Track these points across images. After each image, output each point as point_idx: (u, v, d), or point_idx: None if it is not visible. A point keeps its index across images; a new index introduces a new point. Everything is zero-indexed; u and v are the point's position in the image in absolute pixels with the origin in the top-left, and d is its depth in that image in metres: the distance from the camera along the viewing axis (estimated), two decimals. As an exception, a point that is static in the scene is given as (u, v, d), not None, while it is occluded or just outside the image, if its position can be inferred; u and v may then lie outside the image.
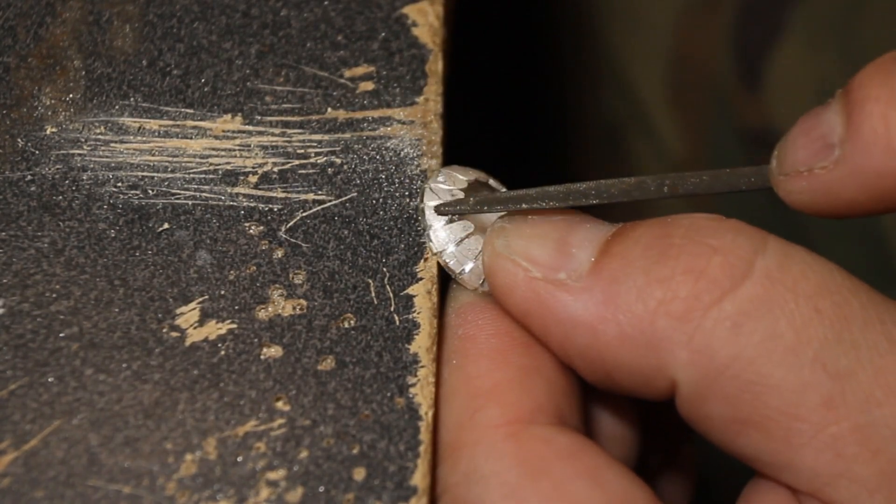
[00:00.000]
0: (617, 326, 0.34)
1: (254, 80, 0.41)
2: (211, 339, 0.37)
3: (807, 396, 0.33)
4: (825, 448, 0.33)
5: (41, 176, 0.39)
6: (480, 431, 0.35)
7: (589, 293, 0.35)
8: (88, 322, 0.37)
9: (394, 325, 0.37)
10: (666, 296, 0.34)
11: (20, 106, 0.40)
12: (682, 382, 0.34)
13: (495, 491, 0.34)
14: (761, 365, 0.33)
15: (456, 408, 0.36)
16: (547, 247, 0.36)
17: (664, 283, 0.34)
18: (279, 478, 0.35)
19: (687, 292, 0.34)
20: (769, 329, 0.33)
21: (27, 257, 0.38)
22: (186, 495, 0.35)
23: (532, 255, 0.36)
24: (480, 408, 0.36)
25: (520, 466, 0.34)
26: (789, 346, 0.33)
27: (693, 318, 0.34)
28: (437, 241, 0.39)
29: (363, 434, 0.36)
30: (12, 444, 0.35)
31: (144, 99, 0.40)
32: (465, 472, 0.35)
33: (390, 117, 0.41)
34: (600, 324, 0.35)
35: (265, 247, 0.38)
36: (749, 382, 0.33)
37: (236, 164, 0.40)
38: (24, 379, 0.36)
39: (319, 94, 0.41)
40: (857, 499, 0.33)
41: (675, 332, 0.34)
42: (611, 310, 0.35)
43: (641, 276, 0.34)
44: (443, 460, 0.36)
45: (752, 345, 0.33)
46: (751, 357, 0.33)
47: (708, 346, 0.33)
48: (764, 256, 0.34)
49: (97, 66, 0.41)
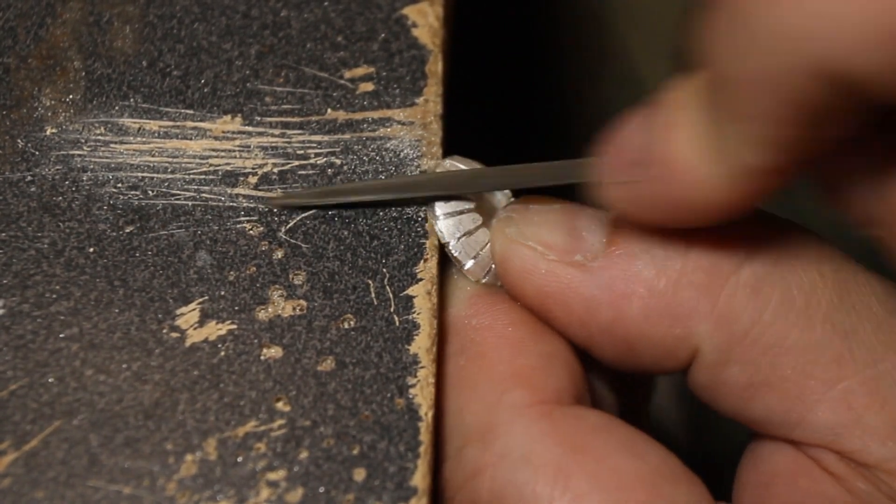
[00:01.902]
0: (640, 300, 0.35)
1: (254, 80, 0.41)
2: (211, 340, 0.37)
3: (819, 355, 0.35)
4: (837, 402, 0.35)
5: (41, 176, 0.39)
6: (512, 412, 0.35)
7: (608, 271, 0.36)
8: (88, 323, 0.37)
9: (394, 326, 0.37)
10: (686, 266, 0.35)
11: (20, 107, 0.40)
12: (705, 351, 0.36)
13: (540, 470, 0.34)
14: (780, 327, 0.35)
15: (481, 393, 0.36)
16: (558, 231, 0.37)
17: (681, 255, 0.35)
18: (279, 478, 0.35)
19: (706, 263, 0.35)
20: (784, 293, 0.35)
21: (27, 258, 0.38)
22: (187, 496, 0.35)
23: (545, 240, 0.37)
24: (508, 390, 0.36)
25: (560, 444, 0.35)
26: (802, 308, 0.35)
27: (715, 286, 0.35)
28: (444, 233, 0.39)
29: (363, 435, 0.36)
30: (12, 445, 0.35)
31: (144, 100, 0.40)
32: (502, 452, 0.35)
33: (390, 118, 0.41)
34: (623, 299, 0.36)
35: (265, 247, 0.38)
36: (768, 346, 0.35)
37: (236, 165, 0.40)
38: (25, 379, 0.36)
39: (319, 95, 0.41)
40: (869, 446, 0.35)
41: (698, 302, 0.35)
42: (632, 284, 0.35)
43: (659, 249, 0.35)
44: (470, 442, 0.36)
45: (770, 309, 0.35)
46: (769, 320, 0.35)
47: (731, 313, 0.35)
48: (766, 230, 0.36)
49: (97, 66, 0.41)
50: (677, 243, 0.35)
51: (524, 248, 0.37)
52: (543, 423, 0.35)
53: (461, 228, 0.39)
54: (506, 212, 0.38)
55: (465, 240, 0.39)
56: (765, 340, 0.35)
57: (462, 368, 0.37)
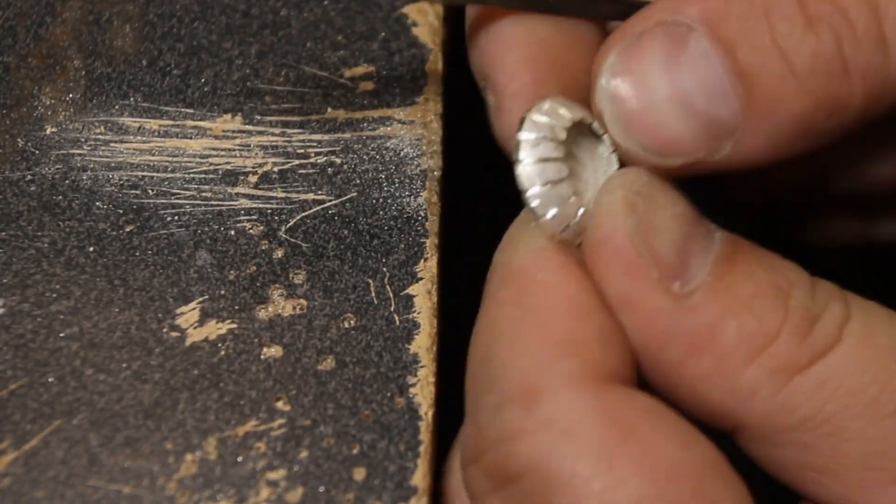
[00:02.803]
0: (710, 361, 0.34)
1: (254, 79, 0.41)
2: (211, 339, 0.37)
3: (886, 446, 0.34)
4: None
5: (41, 176, 0.39)
6: (563, 380, 0.33)
7: (696, 316, 0.34)
8: (88, 322, 0.37)
9: (394, 325, 0.37)
10: (769, 350, 0.34)
11: (20, 106, 0.40)
12: (752, 429, 0.35)
13: (584, 446, 0.33)
14: (842, 418, 0.34)
15: (532, 352, 0.34)
16: (672, 247, 0.35)
17: (770, 338, 0.34)
18: (279, 478, 0.35)
19: (787, 351, 0.34)
20: (853, 385, 0.34)
21: (27, 257, 0.38)
22: (186, 495, 0.35)
23: (658, 252, 0.34)
24: (562, 357, 0.34)
25: (607, 424, 0.33)
26: (871, 399, 0.34)
27: (786, 375, 0.34)
28: (526, 179, 0.35)
29: (363, 434, 0.36)
30: (12, 444, 0.35)
31: (144, 99, 0.40)
32: (545, 420, 0.33)
33: (390, 117, 0.41)
34: (695, 352, 0.34)
35: (265, 247, 0.38)
36: (827, 435, 0.34)
37: (236, 164, 0.40)
38: (25, 379, 0.36)
39: (319, 94, 0.41)
40: None
41: (763, 385, 0.34)
42: (710, 344, 0.34)
43: (753, 321, 0.34)
44: (512, 402, 0.34)
45: (835, 399, 0.34)
46: (832, 410, 0.34)
47: (792, 402, 0.34)
48: (852, 321, 0.35)
49: (97, 65, 0.41)
50: (772, 323, 0.34)
51: (633, 249, 0.34)
52: (594, 399, 0.33)
53: (545, 177, 0.36)
54: (634, 191, 0.35)
55: (547, 189, 0.35)
56: (824, 430, 0.34)
57: (516, 321, 0.35)
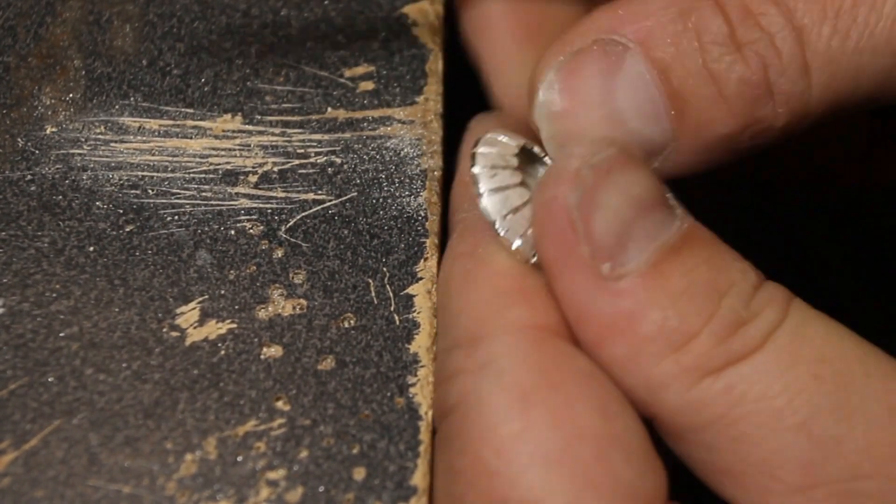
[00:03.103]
0: (626, 349, 0.34)
1: (254, 79, 0.41)
2: (211, 339, 0.37)
3: (786, 458, 0.33)
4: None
5: (41, 175, 0.39)
6: (507, 327, 0.34)
7: (618, 302, 0.34)
8: (88, 322, 0.37)
9: (394, 325, 0.37)
10: (685, 347, 0.34)
11: (20, 106, 0.40)
12: (663, 423, 0.35)
13: (508, 387, 0.33)
14: (746, 424, 0.34)
15: (483, 300, 0.35)
16: (611, 227, 0.34)
17: (689, 337, 0.34)
18: (279, 477, 0.35)
19: (703, 352, 0.34)
20: (762, 392, 0.34)
21: (27, 257, 0.38)
22: (186, 495, 0.35)
23: (593, 228, 0.34)
24: (509, 305, 0.35)
25: (537, 373, 0.34)
26: (777, 409, 0.33)
27: (697, 374, 0.34)
28: (489, 210, 0.36)
29: (363, 434, 0.36)
30: (12, 444, 0.35)
31: (144, 98, 0.40)
32: (482, 362, 0.34)
33: (390, 117, 0.41)
34: (610, 337, 0.34)
35: (265, 246, 0.38)
36: (731, 439, 0.34)
37: (236, 164, 0.40)
38: (24, 378, 0.36)
39: (319, 94, 0.41)
40: None
41: (674, 380, 0.34)
42: (629, 331, 0.34)
43: (675, 318, 0.34)
44: (459, 345, 0.35)
45: (741, 405, 0.34)
46: (737, 416, 0.34)
47: (699, 401, 0.34)
48: (780, 328, 0.34)
49: (97, 65, 0.41)
50: (694, 322, 0.34)
51: (567, 220, 0.34)
52: (530, 347, 0.34)
53: (508, 205, 0.36)
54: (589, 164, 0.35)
55: (511, 217, 0.36)
56: (729, 433, 0.34)
57: (469, 272, 0.36)
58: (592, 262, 0.34)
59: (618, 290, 0.34)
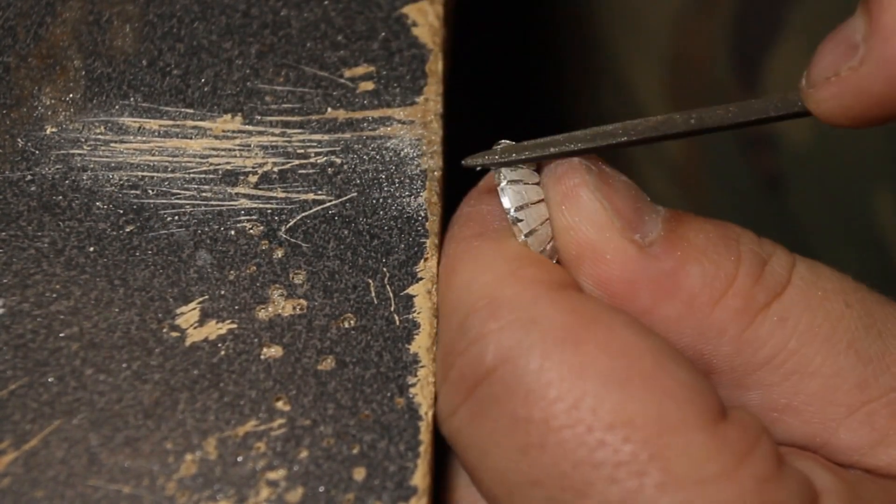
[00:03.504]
0: (679, 305, 0.36)
1: (254, 80, 0.41)
2: (211, 339, 0.37)
3: (843, 380, 0.36)
4: (860, 424, 0.36)
5: (41, 176, 0.39)
6: (526, 285, 0.35)
7: (661, 262, 0.36)
8: (88, 322, 0.37)
9: (394, 325, 0.37)
10: (731, 290, 0.36)
11: (20, 106, 0.40)
12: (721, 371, 0.36)
13: (549, 332, 0.34)
14: (803, 355, 0.36)
15: (493, 266, 0.36)
16: (628, 202, 0.37)
17: (730, 279, 0.36)
18: (279, 478, 0.35)
19: (747, 291, 0.36)
20: (810, 322, 0.36)
21: (27, 257, 0.38)
22: (186, 495, 0.35)
23: (617, 204, 0.36)
24: (523, 267, 0.36)
25: (570, 313, 0.34)
26: (826, 336, 0.36)
27: (749, 313, 0.36)
28: (507, 199, 0.37)
29: (363, 434, 0.36)
30: (12, 444, 0.35)
31: (144, 99, 0.40)
32: (512, 319, 0.34)
33: (390, 117, 0.41)
34: (664, 296, 0.36)
35: (265, 247, 0.38)
36: (790, 372, 0.36)
37: (236, 164, 0.40)
38: (25, 379, 0.36)
39: (319, 94, 0.41)
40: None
41: (729, 325, 0.36)
42: (676, 288, 0.36)
43: (712, 266, 0.36)
44: (476, 311, 0.35)
45: (796, 336, 0.36)
46: (794, 348, 0.36)
47: (756, 339, 0.36)
48: (798, 266, 0.37)
49: (97, 65, 0.41)
50: (729, 267, 0.36)
51: (596, 202, 0.36)
52: (554, 295, 0.35)
53: (524, 198, 0.37)
54: (582, 162, 0.37)
55: (525, 211, 0.37)
56: (787, 367, 0.36)
57: (476, 248, 0.37)
58: (625, 233, 0.36)
59: (655, 254, 0.36)
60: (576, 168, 0.37)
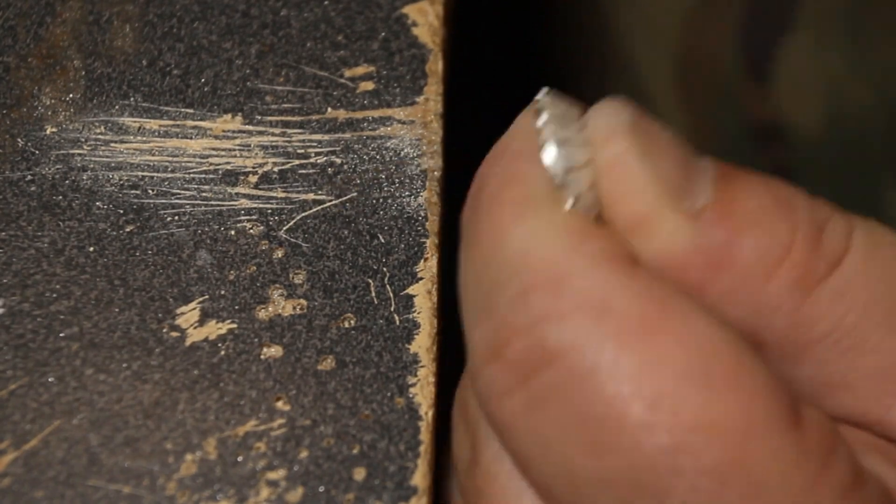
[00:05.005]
0: (732, 278, 0.33)
1: (254, 79, 0.41)
2: (211, 339, 0.37)
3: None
4: None
5: (41, 176, 0.39)
6: (590, 260, 0.31)
7: (712, 232, 0.33)
8: (88, 322, 0.37)
9: (394, 325, 0.37)
10: (787, 261, 0.33)
11: (20, 106, 0.40)
12: (772, 347, 0.34)
13: (623, 322, 0.31)
14: (861, 330, 0.34)
15: (553, 239, 0.32)
16: (677, 164, 0.33)
17: (786, 249, 0.33)
18: (279, 478, 0.35)
19: (804, 261, 0.33)
20: (868, 296, 0.34)
21: (27, 257, 0.38)
22: (186, 495, 0.35)
23: (664, 171, 0.33)
24: (585, 241, 0.32)
25: (644, 300, 0.31)
26: (887, 311, 0.34)
27: (806, 286, 0.33)
28: (553, 164, 0.33)
29: (363, 434, 0.36)
30: (12, 444, 0.35)
31: (144, 99, 0.40)
32: (579, 302, 0.31)
33: (390, 117, 0.41)
34: (716, 270, 0.33)
35: (265, 247, 0.38)
36: (846, 348, 0.34)
37: (236, 164, 0.40)
38: (24, 379, 0.36)
39: (319, 94, 0.41)
40: None
41: (785, 298, 0.33)
42: (730, 257, 0.33)
43: (765, 235, 0.33)
44: (537, 288, 0.31)
45: (854, 311, 0.33)
46: (851, 323, 0.33)
47: (812, 315, 0.33)
48: (857, 231, 0.34)
49: (97, 65, 0.41)
50: (784, 234, 0.33)
51: (644, 171, 0.33)
52: (625, 276, 0.31)
53: (571, 160, 0.34)
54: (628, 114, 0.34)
55: (573, 175, 0.33)
56: (844, 343, 0.34)
57: (530, 215, 0.33)
58: (675, 204, 0.33)
59: (707, 225, 0.33)
60: (623, 128, 0.33)
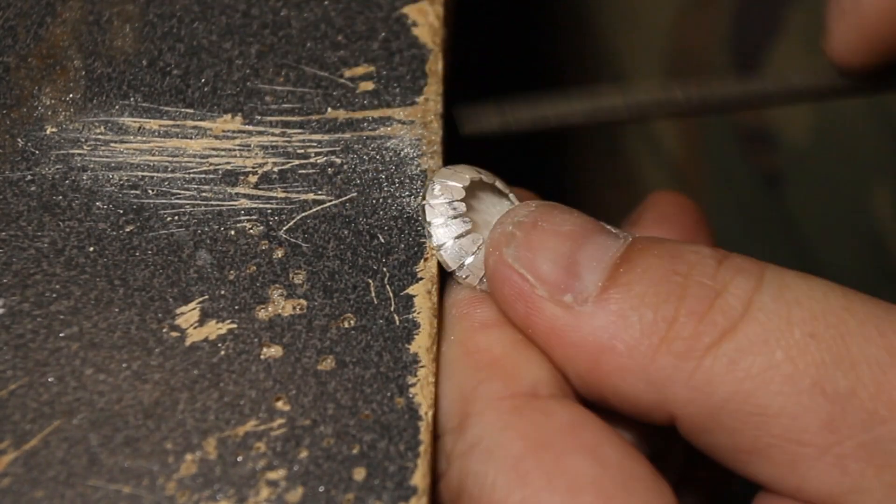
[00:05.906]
0: (619, 359, 0.35)
1: (254, 80, 0.41)
2: (211, 339, 0.37)
3: (808, 421, 0.33)
4: (831, 468, 0.33)
5: (41, 176, 0.39)
6: (485, 403, 0.36)
7: (594, 321, 0.36)
8: (88, 322, 0.37)
9: (394, 325, 0.37)
10: (669, 335, 0.35)
11: (20, 106, 0.40)
12: (682, 417, 0.35)
13: (500, 462, 0.35)
14: (760, 396, 0.34)
15: (458, 381, 0.37)
16: (556, 263, 0.36)
17: (669, 323, 0.35)
18: (279, 478, 0.35)
19: (689, 333, 0.35)
20: (766, 361, 0.34)
21: (27, 257, 0.38)
22: (186, 495, 0.35)
23: (540, 271, 0.36)
24: (483, 381, 0.36)
25: (523, 439, 0.35)
26: (787, 375, 0.34)
27: (693, 356, 0.34)
28: (436, 238, 0.39)
29: (363, 434, 0.36)
30: (12, 444, 0.35)
31: (144, 99, 0.40)
32: (471, 442, 0.35)
33: (390, 117, 0.41)
34: (603, 353, 0.35)
35: (265, 247, 0.38)
36: (749, 414, 0.34)
37: (236, 164, 0.40)
38: (25, 379, 0.36)
39: (319, 94, 0.41)
40: None
41: (675, 370, 0.35)
42: (615, 342, 0.35)
43: (649, 312, 0.35)
44: (448, 432, 0.37)
45: (751, 378, 0.34)
46: (749, 390, 0.34)
47: (707, 384, 0.34)
48: (760, 293, 0.35)
49: (97, 66, 0.41)
50: (668, 309, 0.35)
51: (515, 274, 0.37)
52: (511, 417, 0.35)
53: (452, 233, 0.39)
54: (509, 225, 0.38)
55: (456, 245, 0.39)
56: (746, 410, 0.34)
57: (455, 356, 0.38)
58: (553, 298, 0.36)
59: (589, 313, 0.36)
60: (494, 243, 0.37)
